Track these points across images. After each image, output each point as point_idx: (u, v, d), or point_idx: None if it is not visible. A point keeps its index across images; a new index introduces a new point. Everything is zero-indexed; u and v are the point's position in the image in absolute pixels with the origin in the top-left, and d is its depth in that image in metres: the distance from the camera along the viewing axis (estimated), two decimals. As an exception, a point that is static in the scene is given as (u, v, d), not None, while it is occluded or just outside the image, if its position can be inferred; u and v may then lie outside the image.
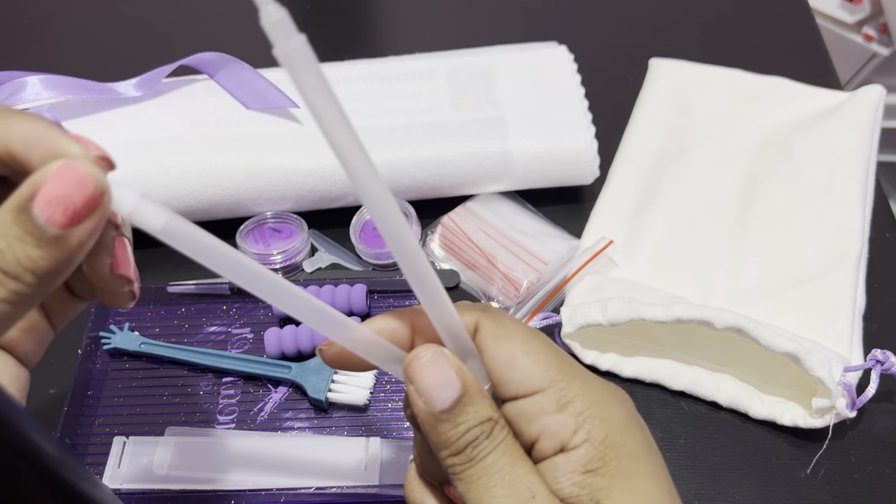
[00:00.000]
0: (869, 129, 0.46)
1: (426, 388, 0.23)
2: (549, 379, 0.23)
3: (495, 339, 0.24)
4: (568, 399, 0.23)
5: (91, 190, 0.20)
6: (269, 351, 0.39)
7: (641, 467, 0.23)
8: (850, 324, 0.39)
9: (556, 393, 0.23)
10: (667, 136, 0.47)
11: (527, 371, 0.23)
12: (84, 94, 0.45)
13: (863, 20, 0.98)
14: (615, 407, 0.23)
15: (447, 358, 0.23)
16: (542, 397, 0.23)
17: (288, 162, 0.44)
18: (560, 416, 0.22)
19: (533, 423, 0.23)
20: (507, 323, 0.24)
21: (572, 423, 0.22)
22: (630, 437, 0.23)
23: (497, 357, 0.23)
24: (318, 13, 0.62)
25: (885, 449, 0.37)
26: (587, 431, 0.22)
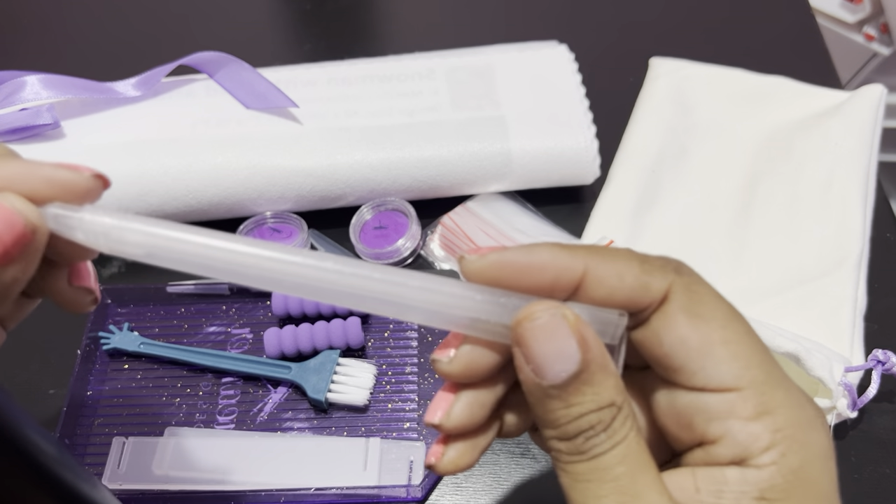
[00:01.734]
0: (870, 128, 0.46)
1: (537, 356, 0.19)
2: (751, 378, 0.19)
3: (689, 317, 0.19)
4: (768, 408, 0.19)
5: (20, 228, 0.19)
6: (268, 351, 0.39)
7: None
8: (850, 324, 0.39)
9: (755, 397, 0.19)
10: (667, 136, 0.47)
11: (724, 363, 0.19)
12: (83, 94, 0.45)
13: (863, 20, 0.98)
14: (819, 433, 0.19)
15: (569, 322, 0.19)
16: (736, 397, 0.19)
17: (288, 162, 0.43)
18: (754, 426, 0.19)
19: (714, 423, 0.19)
20: (707, 297, 0.20)
21: (766, 438, 0.19)
22: (826, 475, 0.19)
23: (689, 339, 0.19)
24: (317, 13, 0.62)
25: (885, 449, 0.37)
26: (780, 453, 0.18)
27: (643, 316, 0.20)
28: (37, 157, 0.43)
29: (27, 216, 0.20)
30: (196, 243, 0.21)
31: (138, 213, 0.43)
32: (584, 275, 0.20)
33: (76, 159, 0.43)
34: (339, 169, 0.44)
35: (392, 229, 0.45)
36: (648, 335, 0.20)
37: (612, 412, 0.19)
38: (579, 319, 0.19)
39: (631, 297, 0.20)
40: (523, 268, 0.20)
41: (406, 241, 0.44)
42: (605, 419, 0.19)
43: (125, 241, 0.21)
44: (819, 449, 0.19)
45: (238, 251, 0.21)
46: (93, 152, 0.43)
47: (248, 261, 0.21)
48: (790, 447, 0.18)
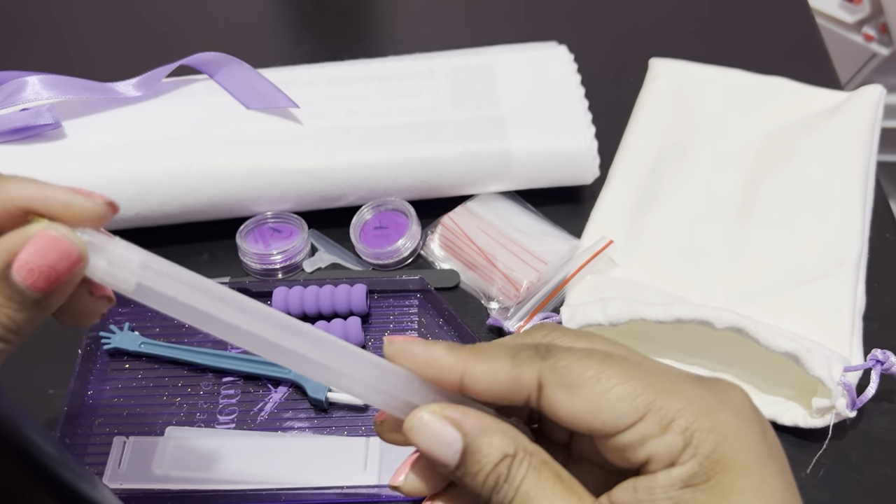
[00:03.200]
0: (869, 128, 0.46)
1: (430, 452, 0.22)
2: (644, 405, 0.21)
3: (567, 392, 0.22)
4: (670, 418, 0.21)
5: (76, 258, 0.21)
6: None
7: (747, 482, 0.21)
8: (850, 324, 0.39)
9: (654, 416, 0.21)
10: (667, 136, 0.47)
11: (616, 409, 0.21)
12: (84, 94, 0.45)
13: (863, 20, 0.98)
14: (724, 413, 0.22)
15: (437, 414, 0.22)
16: (641, 425, 0.21)
17: (288, 162, 0.44)
18: (666, 438, 0.21)
19: (639, 451, 0.21)
20: (572, 365, 0.22)
21: (679, 441, 0.21)
22: (743, 447, 0.21)
23: (577, 410, 0.22)
24: (318, 13, 0.62)
25: (885, 449, 0.37)
26: (695, 447, 0.21)
27: (532, 404, 0.23)
28: (38, 156, 0.43)
29: (80, 247, 0.21)
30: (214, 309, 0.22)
31: (139, 213, 0.44)
32: (462, 374, 0.23)
33: (77, 159, 0.43)
34: (339, 169, 0.44)
35: (392, 229, 0.45)
36: (549, 417, 0.23)
37: (507, 463, 0.22)
38: (444, 406, 0.23)
39: (507, 391, 0.22)
40: (418, 361, 0.23)
41: (406, 241, 0.44)
42: (503, 471, 0.22)
43: (152, 287, 0.22)
44: (727, 428, 0.21)
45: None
46: (93, 152, 0.43)
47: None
48: (700, 438, 0.21)
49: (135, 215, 0.44)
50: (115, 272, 0.22)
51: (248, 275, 0.45)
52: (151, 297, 0.22)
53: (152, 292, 0.22)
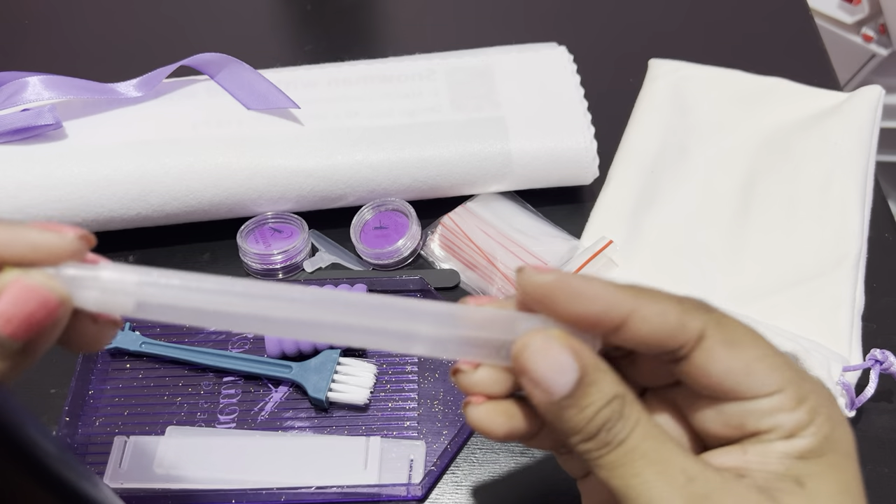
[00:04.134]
0: (868, 129, 0.46)
1: (542, 376, 0.22)
2: (788, 378, 0.23)
3: (727, 348, 0.23)
4: (804, 397, 0.23)
5: (54, 304, 0.20)
6: (269, 350, 0.39)
7: (853, 466, 0.23)
8: (849, 324, 0.39)
9: (794, 391, 0.23)
10: (666, 137, 0.47)
11: (765, 375, 0.23)
12: (85, 95, 0.45)
13: (862, 21, 0.98)
14: (837, 406, 0.24)
15: (559, 340, 0.22)
16: (780, 396, 0.23)
17: (289, 162, 0.44)
18: (797, 413, 0.23)
19: (766, 419, 0.23)
20: (735, 327, 0.23)
21: (806, 418, 0.23)
22: (848, 436, 0.23)
23: (732, 367, 0.23)
24: (318, 13, 0.62)
25: (883, 449, 0.37)
26: (817, 426, 0.23)
27: (681, 353, 0.23)
28: (38, 157, 0.43)
29: (58, 292, 0.20)
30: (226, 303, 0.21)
31: (139, 213, 0.44)
32: (630, 312, 0.22)
33: (78, 160, 0.43)
34: (339, 169, 0.44)
35: (392, 229, 0.45)
36: (692, 370, 0.23)
37: (619, 402, 0.22)
38: (566, 334, 0.22)
39: (672, 334, 0.23)
40: (578, 294, 0.22)
41: (406, 241, 0.44)
42: (617, 408, 0.22)
43: (114, 305, 0.21)
44: (840, 418, 0.23)
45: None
46: (94, 153, 0.43)
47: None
48: (823, 419, 0.23)
49: (136, 215, 0.44)
50: (110, 299, 0.21)
51: (248, 275, 0.45)
52: (155, 311, 0.21)
53: (155, 305, 0.21)
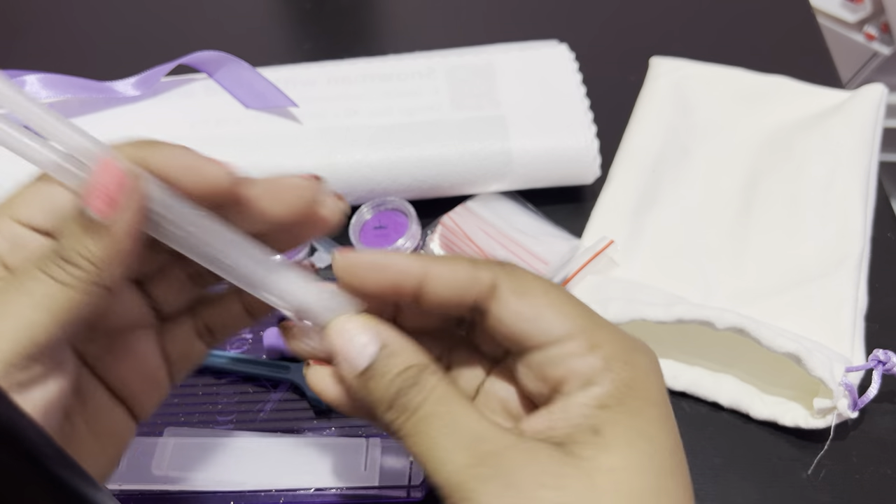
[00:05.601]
0: (870, 128, 0.46)
1: (347, 354, 0.24)
2: (579, 326, 0.23)
3: (517, 295, 0.24)
4: (597, 343, 0.23)
5: (119, 175, 0.22)
6: (267, 350, 0.39)
7: (655, 412, 0.23)
8: (851, 324, 0.39)
9: (585, 338, 0.23)
10: (668, 136, 0.47)
11: (554, 321, 0.23)
12: (83, 94, 0.45)
13: (864, 19, 0.98)
14: (641, 355, 0.24)
15: (361, 321, 0.24)
16: (570, 342, 0.23)
17: (287, 161, 0.43)
18: (589, 359, 0.23)
19: (559, 366, 0.23)
20: (527, 277, 0.24)
21: (600, 364, 0.23)
22: (653, 385, 0.23)
23: (521, 311, 0.23)
24: (317, 13, 0.62)
25: (886, 450, 0.37)
26: (614, 372, 0.23)
27: (483, 307, 0.24)
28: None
29: (128, 167, 0.23)
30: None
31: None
32: (424, 275, 0.24)
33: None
34: (338, 168, 0.44)
35: (392, 229, 0.45)
36: (493, 322, 0.24)
37: (415, 370, 0.23)
38: (366, 315, 0.25)
39: (465, 288, 0.24)
40: (374, 266, 0.24)
41: (406, 241, 0.44)
42: (412, 376, 0.23)
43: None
44: (643, 366, 0.24)
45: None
46: (92, 152, 0.43)
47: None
48: (621, 367, 0.23)
49: (134, 215, 0.44)
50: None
51: (247, 275, 0.45)
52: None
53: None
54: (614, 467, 0.22)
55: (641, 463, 0.22)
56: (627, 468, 0.22)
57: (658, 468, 0.22)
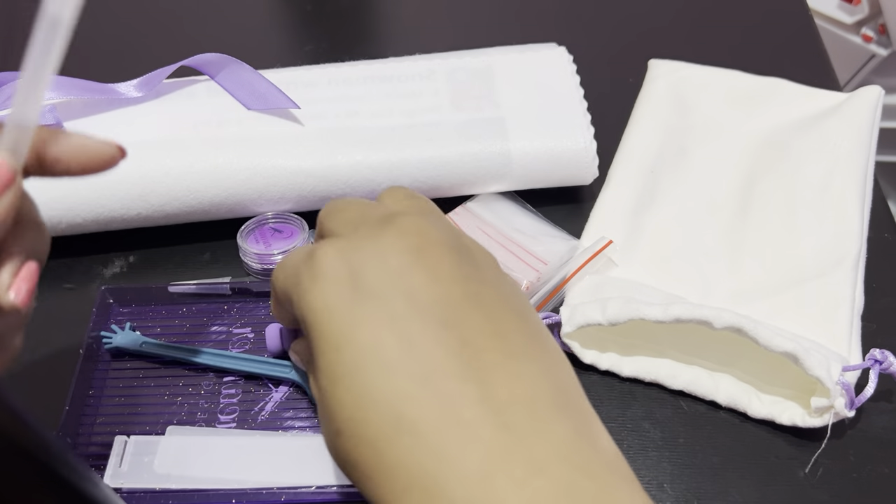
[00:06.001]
0: (867, 129, 0.46)
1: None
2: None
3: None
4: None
5: (5, 171, 0.24)
6: (270, 347, 0.39)
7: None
8: (848, 323, 0.39)
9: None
10: (666, 137, 0.47)
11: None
12: (85, 95, 0.45)
13: (861, 21, 0.98)
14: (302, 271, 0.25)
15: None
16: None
17: (289, 162, 0.44)
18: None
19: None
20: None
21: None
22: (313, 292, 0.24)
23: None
24: (318, 14, 0.62)
25: (883, 448, 0.37)
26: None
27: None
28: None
29: (10, 162, 0.25)
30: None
31: (140, 213, 0.44)
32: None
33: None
34: (339, 169, 0.44)
35: (392, 229, 0.45)
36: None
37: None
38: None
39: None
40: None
41: (406, 242, 0.44)
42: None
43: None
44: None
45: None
46: (94, 153, 0.43)
47: None
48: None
49: (136, 215, 0.44)
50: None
51: (248, 275, 0.45)
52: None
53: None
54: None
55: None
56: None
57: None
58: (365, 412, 0.22)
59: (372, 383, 0.22)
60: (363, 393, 0.22)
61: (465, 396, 0.21)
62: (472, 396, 0.21)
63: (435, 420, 0.21)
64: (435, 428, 0.21)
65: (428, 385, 0.21)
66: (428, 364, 0.22)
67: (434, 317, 0.23)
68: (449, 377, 0.22)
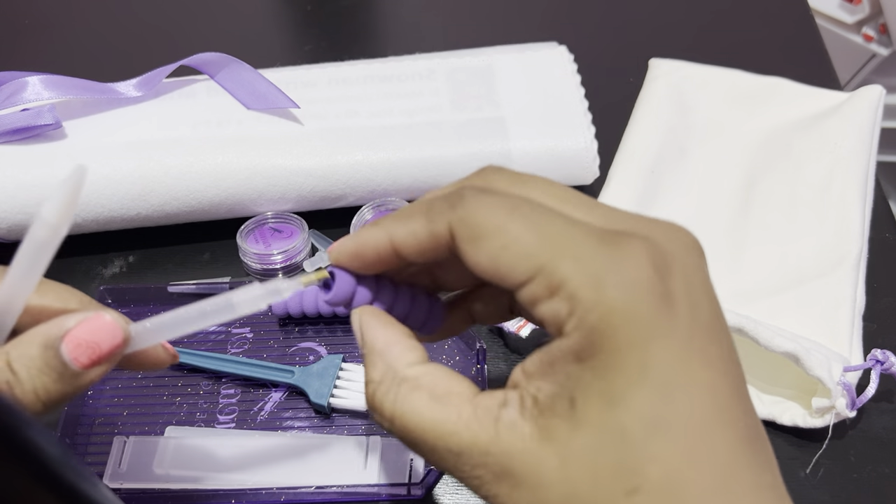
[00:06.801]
0: (868, 129, 0.46)
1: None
2: (534, 267, 0.21)
3: (472, 244, 0.22)
4: (557, 283, 0.20)
5: (120, 338, 0.24)
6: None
7: (629, 364, 0.19)
8: (849, 323, 0.39)
9: (544, 279, 0.21)
10: (666, 137, 0.47)
11: (511, 265, 0.21)
12: (85, 95, 0.45)
13: (862, 20, 0.98)
14: (616, 280, 0.20)
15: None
16: (533, 286, 0.21)
17: (288, 162, 0.44)
18: (552, 303, 0.20)
19: (535, 311, 0.21)
20: (480, 215, 0.22)
21: (565, 308, 0.20)
22: (629, 321, 0.19)
23: (481, 262, 0.22)
24: (317, 13, 0.62)
25: (884, 449, 0.37)
26: (578, 317, 0.20)
27: (455, 250, 0.23)
28: (38, 157, 0.43)
29: (125, 330, 0.24)
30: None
31: (140, 213, 0.44)
32: (390, 239, 0.24)
33: (78, 159, 0.43)
34: (339, 169, 0.44)
35: (392, 229, 0.45)
36: (464, 267, 0.23)
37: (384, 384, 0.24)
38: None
39: (430, 247, 0.23)
40: (354, 252, 0.24)
41: (406, 242, 0.44)
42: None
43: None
44: (617, 298, 0.20)
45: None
46: (94, 152, 0.43)
47: None
48: (584, 310, 0.20)
49: (136, 215, 0.44)
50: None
51: (248, 275, 0.45)
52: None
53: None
54: (588, 448, 0.19)
55: (612, 441, 0.19)
56: (599, 448, 0.19)
57: (631, 442, 0.19)
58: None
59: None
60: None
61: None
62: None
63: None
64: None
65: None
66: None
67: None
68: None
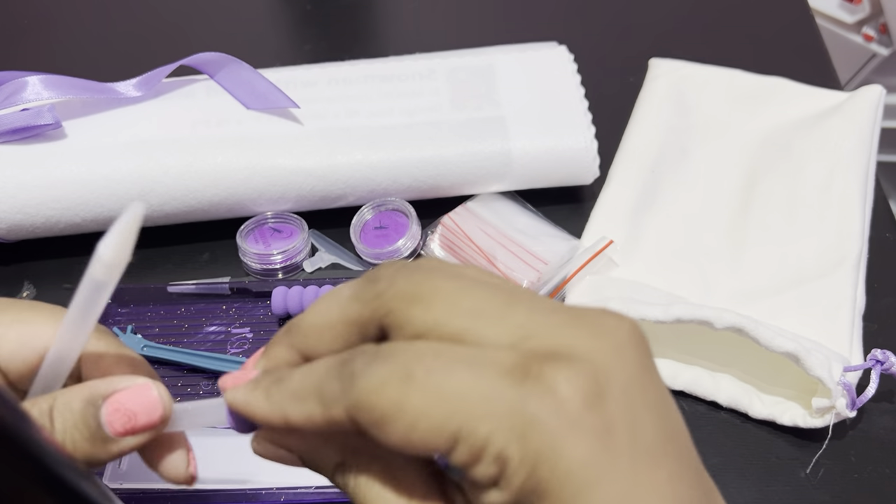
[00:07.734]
0: (869, 129, 0.46)
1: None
2: (450, 436, 0.18)
3: (377, 429, 0.19)
4: (479, 447, 0.18)
5: (158, 415, 0.23)
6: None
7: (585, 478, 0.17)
8: (849, 324, 0.39)
9: (465, 447, 0.18)
10: (667, 136, 0.47)
11: (426, 441, 0.19)
12: (84, 94, 0.45)
13: (862, 20, 0.98)
14: (540, 426, 0.18)
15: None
16: (456, 455, 0.18)
17: (288, 162, 0.44)
18: (480, 468, 0.18)
19: (468, 477, 0.19)
20: (375, 397, 0.19)
21: (493, 470, 0.18)
22: (556, 472, 0.17)
23: (394, 444, 0.19)
24: (317, 13, 0.62)
25: (884, 449, 0.37)
26: (507, 478, 0.18)
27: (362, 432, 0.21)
28: (38, 156, 0.43)
29: (167, 407, 0.23)
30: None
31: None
32: (286, 422, 0.21)
33: (77, 159, 0.43)
34: (339, 169, 0.44)
35: (392, 229, 0.45)
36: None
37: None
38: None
39: (331, 429, 0.21)
40: (249, 415, 0.24)
41: (406, 241, 0.44)
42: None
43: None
44: (541, 446, 0.18)
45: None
46: (94, 152, 0.43)
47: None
48: (512, 467, 0.18)
49: (135, 215, 0.44)
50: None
51: (248, 275, 0.45)
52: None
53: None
54: None
55: None
56: None
57: None
58: None
59: None
60: None
61: None
62: None
63: None
64: None
65: None
66: None
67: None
68: None
